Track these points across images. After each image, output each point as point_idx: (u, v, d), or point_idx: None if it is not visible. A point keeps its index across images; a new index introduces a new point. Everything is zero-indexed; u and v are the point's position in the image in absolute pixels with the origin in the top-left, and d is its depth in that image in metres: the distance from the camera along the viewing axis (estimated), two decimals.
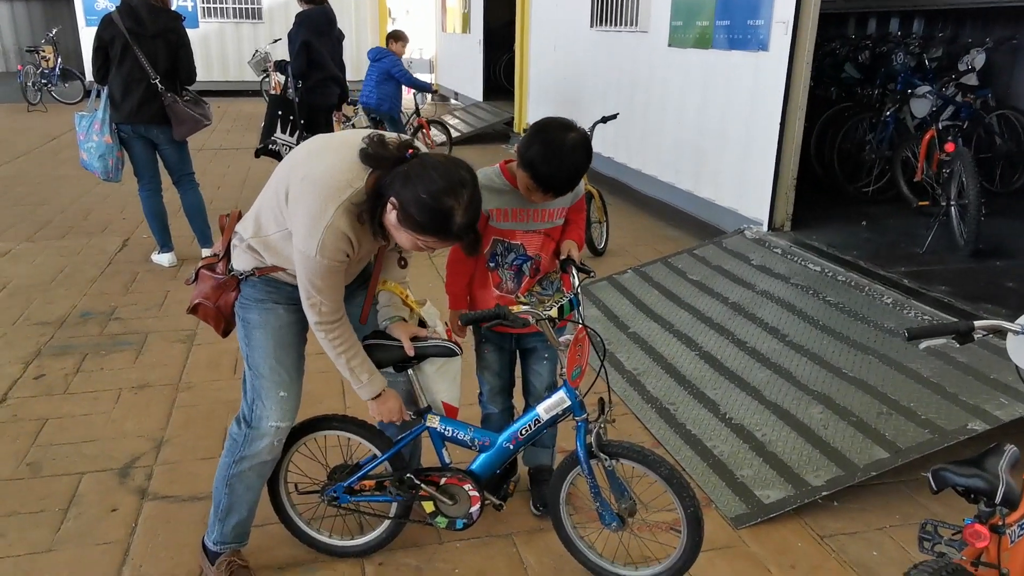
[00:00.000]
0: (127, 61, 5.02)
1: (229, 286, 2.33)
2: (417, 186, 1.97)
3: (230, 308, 2.35)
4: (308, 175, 2.08)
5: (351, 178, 2.05)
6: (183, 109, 5.13)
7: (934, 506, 2.91)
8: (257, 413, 2.33)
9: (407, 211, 1.98)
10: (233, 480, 2.38)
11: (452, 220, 1.99)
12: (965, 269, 4.70)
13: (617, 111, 6.03)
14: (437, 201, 1.96)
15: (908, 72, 6.44)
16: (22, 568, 2.54)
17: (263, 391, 2.32)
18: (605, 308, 4.72)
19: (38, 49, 13.86)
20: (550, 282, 2.66)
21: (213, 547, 2.47)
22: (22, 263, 5.55)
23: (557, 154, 2.34)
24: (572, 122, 2.43)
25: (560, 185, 2.40)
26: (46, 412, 3.52)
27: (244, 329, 2.35)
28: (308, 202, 2.05)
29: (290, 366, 2.36)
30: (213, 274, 2.35)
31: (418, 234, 2.03)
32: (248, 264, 2.29)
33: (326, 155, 2.13)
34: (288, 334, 2.35)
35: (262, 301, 2.32)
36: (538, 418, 2.36)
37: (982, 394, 3.14)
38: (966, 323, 1.95)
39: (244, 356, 2.35)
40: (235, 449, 2.36)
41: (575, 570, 2.56)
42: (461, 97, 13.99)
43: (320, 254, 2.04)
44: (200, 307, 2.38)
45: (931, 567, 1.65)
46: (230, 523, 2.44)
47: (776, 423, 3.30)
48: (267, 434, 2.33)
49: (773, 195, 5.36)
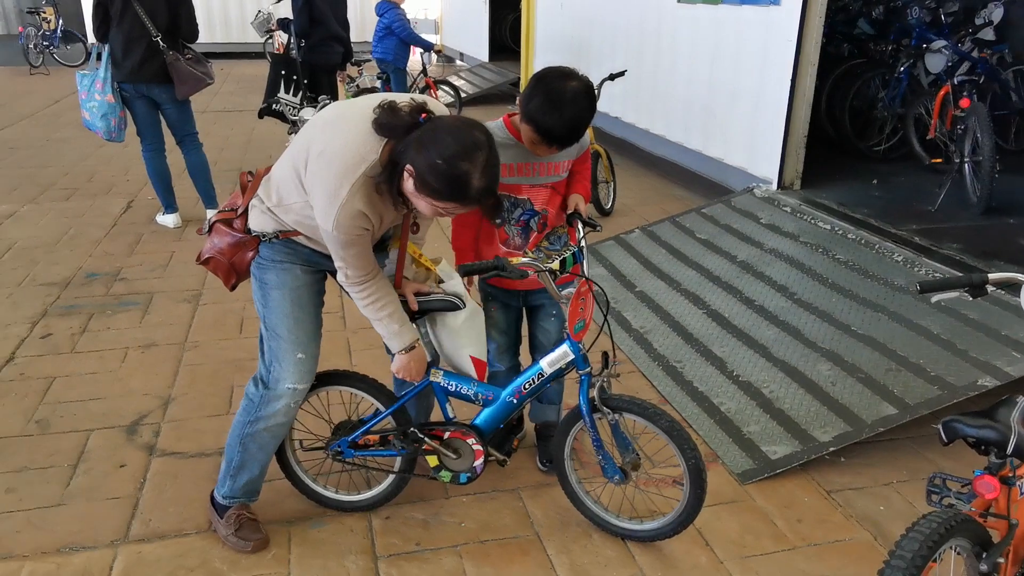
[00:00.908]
0: (127, 18, 4.94)
1: (248, 245, 2.31)
2: (431, 152, 1.92)
3: (245, 267, 2.34)
4: (325, 150, 2.06)
5: (365, 152, 2.02)
6: (185, 67, 5.06)
7: (942, 461, 2.91)
8: (275, 375, 2.32)
9: (423, 178, 1.95)
10: (247, 439, 2.38)
11: (469, 185, 1.94)
12: (977, 226, 4.65)
13: (625, 68, 5.93)
14: (452, 166, 1.92)
15: (923, 27, 6.30)
16: (33, 522, 2.56)
17: (280, 352, 2.31)
18: (612, 267, 4.69)
19: (38, 10, 13.69)
20: (557, 237, 2.62)
21: (222, 501, 2.48)
22: (27, 225, 5.54)
23: (558, 105, 2.28)
24: (573, 70, 2.35)
25: (563, 136, 2.34)
26: (53, 371, 3.53)
27: (261, 290, 2.33)
28: (324, 179, 2.05)
29: (308, 327, 2.34)
30: (231, 230, 2.32)
31: (436, 200, 1.99)
32: (270, 226, 2.27)
33: (341, 126, 2.10)
34: (306, 294, 2.34)
35: (280, 262, 2.30)
36: (542, 372, 2.35)
37: (993, 350, 3.11)
38: (980, 276, 1.92)
39: (261, 317, 2.34)
40: (251, 409, 2.36)
41: (580, 523, 2.57)
42: (467, 58, 13.81)
43: (336, 230, 2.05)
44: (212, 260, 2.36)
45: (940, 516, 1.64)
46: (241, 480, 2.45)
47: (783, 380, 3.28)
48: (284, 396, 2.32)
49: (783, 153, 5.29)
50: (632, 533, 2.48)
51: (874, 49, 7.04)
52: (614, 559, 2.43)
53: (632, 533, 2.48)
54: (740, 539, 2.52)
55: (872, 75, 6.55)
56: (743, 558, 2.44)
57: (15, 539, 2.48)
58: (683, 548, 2.46)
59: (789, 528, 2.58)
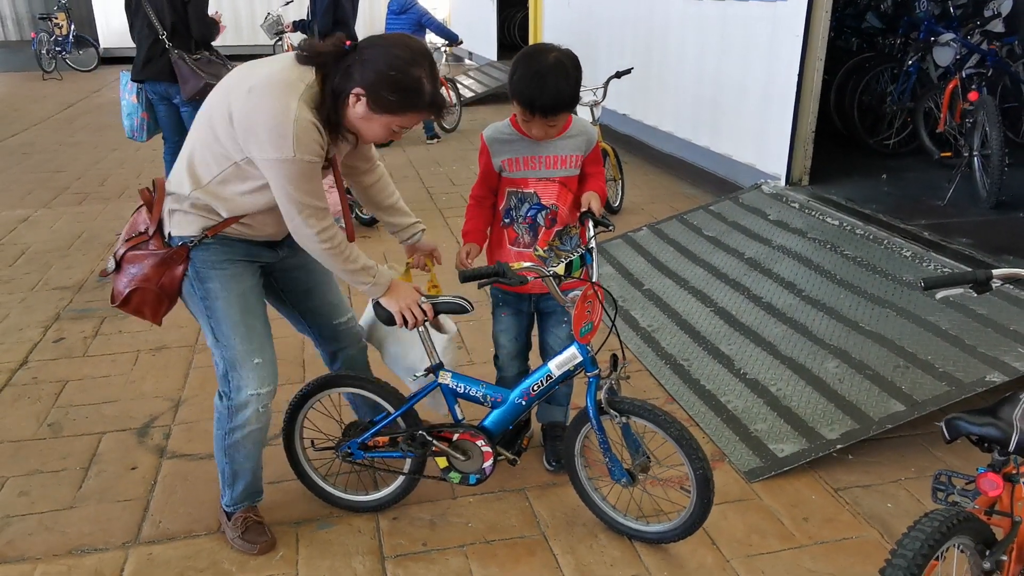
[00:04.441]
0: (139, 17, 5.02)
1: (176, 259, 2.15)
2: (380, 65, 1.95)
3: (176, 285, 2.18)
4: (253, 86, 1.99)
5: (300, 74, 2.00)
6: (187, 67, 4.99)
7: (950, 458, 2.89)
8: (235, 384, 2.24)
9: (377, 93, 1.97)
10: (230, 450, 2.35)
11: (423, 90, 1.99)
12: (987, 221, 4.61)
13: (632, 66, 5.92)
14: (405, 74, 1.96)
15: (931, 20, 6.25)
16: (45, 524, 2.60)
17: (236, 361, 2.22)
18: (620, 266, 4.69)
19: (51, 16, 13.81)
20: (569, 237, 2.62)
21: (227, 508, 2.50)
22: (40, 229, 5.60)
23: (538, 74, 2.33)
24: (557, 45, 2.42)
25: (545, 104, 2.35)
26: (66, 374, 3.57)
27: (204, 302, 2.20)
28: (267, 105, 1.95)
29: (260, 331, 2.27)
30: (149, 251, 2.15)
31: (393, 114, 2.01)
32: (195, 226, 2.14)
33: (259, 67, 2.05)
34: (251, 298, 2.26)
35: (221, 264, 2.19)
36: (550, 374, 2.35)
37: (1001, 346, 3.09)
38: (984, 272, 1.91)
39: (207, 330, 2.24)
40: (223, 422, 2.31)
41: (587, 523, 2.58)
42: (475, 57, 13.82)
43: (297, 150, 1.94)
44: (135, 295, 2.17)
45: (942, 514, 1.63)
46: (238, 488, 2.45)
47: (791, 377, 3.27)
48: (249, 402, 2.25)
49: (791, 149, 5.27)
50: (639, 534, 2.48)
51: (882, 43, 7.01)
52: (620, 559, 2.44)
53: (639, 534, 2.48)
54: (747, 538, 2.52)
55: (881, 69, 6.51)
56: (749, 557, 2.44)
57: (28, 541, 2.52)
58: (689, 548, 2.46)
59: (796, 527, 2.58)
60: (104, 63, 14.44)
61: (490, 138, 2.57)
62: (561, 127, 2.50)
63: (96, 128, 9.11)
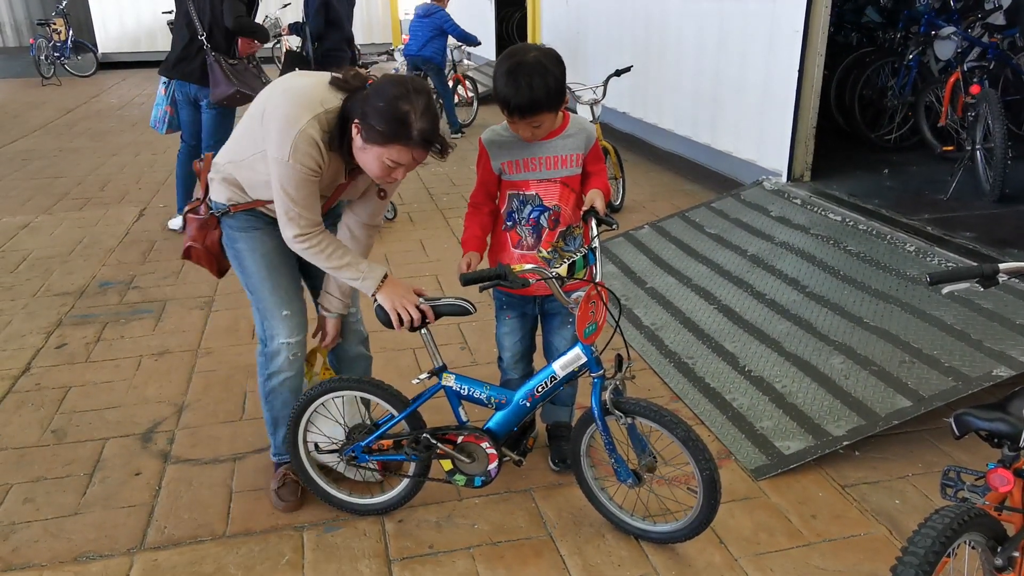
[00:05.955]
0: (179, 14, 5.04)
1: (211, 224, 2.50)
2: (373, 99, 2.10)
3: (217, 246, 2.53)
4: (288, 88, 2.24)
5: (325, 97, 2.19)
6: (221, 72, 4.92)
7: (957, 454, 2.88)
8: (268, 332, 2.49)
9: (368, 125, 2.10)
10: (270, 396, 2.58)
11: (410, 124, 2.08)
12: (991, 214, 4.60)
13: (631, 64, 5.91)
14: (393, 107, 2.07)
15: (932, 14, 6.23)
16: (50, 531, 2.59)
17: (268, 312, 2.48)
18: (622, 264, 4.68)
19: (49, 22, 13.80)
20: (573, 237, 2.59)
21: (274, 459, 2.71)
22: (41, 235, 5.59)
23: (515, 72, 2.31)
24: (539, 45, 2.43)
25: (521, 103, 2.31)
26: (69, 380, 3.56)
27: (236, 260, 2.50)
28: (286, 108, 2.17)
29: (287, 285, 2.50)
30: (197, 216, 2.52)
31: (381, 145, 2.11)
32: (224, 197, 2.43)
33: (304, 78, 2.30)
34: (275, 257, 2.48)
35: (246, 229, 2.46)
36: (554, 375, 2.34)
37: (1008, 340, 3.07)
38: (991, 266, 1.89)
39: (244, 286, 2.51)
40: (263, 368, 2.55)
41: (594, 523, 2.56)
42: (474, 57, 13.77)
43: (293, 158, 2.14)
44: (192, 250, 2.56)
45: (953, 511, 1.62)
46: (279, 436, 2.63)
47: (796, 374, 3.26)
48: (281, 350, 2.49)
49: (792, 145, 5.26)
50: (646, 533, 2.47)
51: (883, 37, 6.99)
52: (627, 559, 2.42)
53: (646, 533, 2.47)
54: (754, 536, 2.51)
55: (881, 63, 6.50)
56: (757, 555, 2.43)
57: (33, 548, 2.51)
58: (697, 547, 2.45)
59: (803, 524, 2.56)
60: (102, 68, 14.43)
61: (488, 141, 2.56)
62: (549, 128, 2.46)
63: (96, 133, 9.10)
